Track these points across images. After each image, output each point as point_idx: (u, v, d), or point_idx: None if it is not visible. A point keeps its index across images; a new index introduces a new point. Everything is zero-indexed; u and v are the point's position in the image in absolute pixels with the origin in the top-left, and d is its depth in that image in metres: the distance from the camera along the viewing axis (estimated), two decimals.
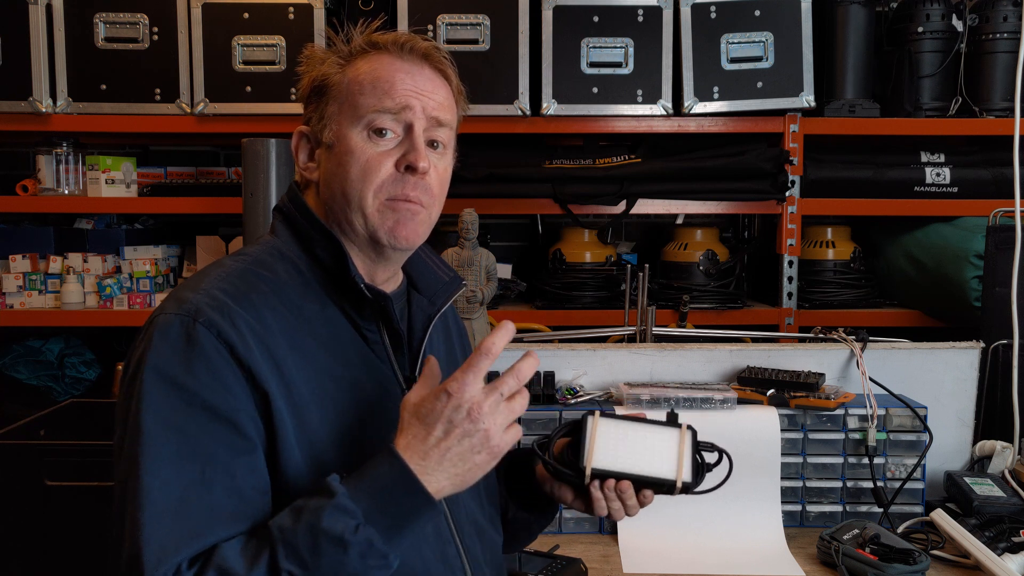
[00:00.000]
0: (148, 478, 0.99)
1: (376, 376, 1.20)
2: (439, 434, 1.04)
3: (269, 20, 2.68)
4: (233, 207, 2.59)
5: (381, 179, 1.16)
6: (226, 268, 1.15)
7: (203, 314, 1.06)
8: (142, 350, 1.06)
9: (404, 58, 1.19)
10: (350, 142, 1.17)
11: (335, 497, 0.99)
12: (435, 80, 1.21)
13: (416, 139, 1.17)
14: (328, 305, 1.19)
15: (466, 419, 1.03)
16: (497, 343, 1.05)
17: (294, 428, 1.09)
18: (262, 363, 1.07)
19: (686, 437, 1.27)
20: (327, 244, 1.18)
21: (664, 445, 1.26)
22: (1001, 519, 1.72)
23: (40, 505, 2.07)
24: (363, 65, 1.19)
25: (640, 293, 2.19)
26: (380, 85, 1.17)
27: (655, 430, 1.28)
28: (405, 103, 1.16)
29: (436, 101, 1.19)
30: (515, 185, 2.71)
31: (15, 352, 2.92)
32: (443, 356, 1.35)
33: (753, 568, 1.69)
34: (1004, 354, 2.11)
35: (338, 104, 1.19)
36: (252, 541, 1.00)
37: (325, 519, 0.98)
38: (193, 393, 1.03)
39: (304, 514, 0.99)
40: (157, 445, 1.01)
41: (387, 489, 1.01)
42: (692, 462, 1.25)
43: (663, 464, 1.24)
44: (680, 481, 1.23)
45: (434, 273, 1.33)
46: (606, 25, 2.69)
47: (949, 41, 2.81)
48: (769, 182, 2.70)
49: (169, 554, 0.97)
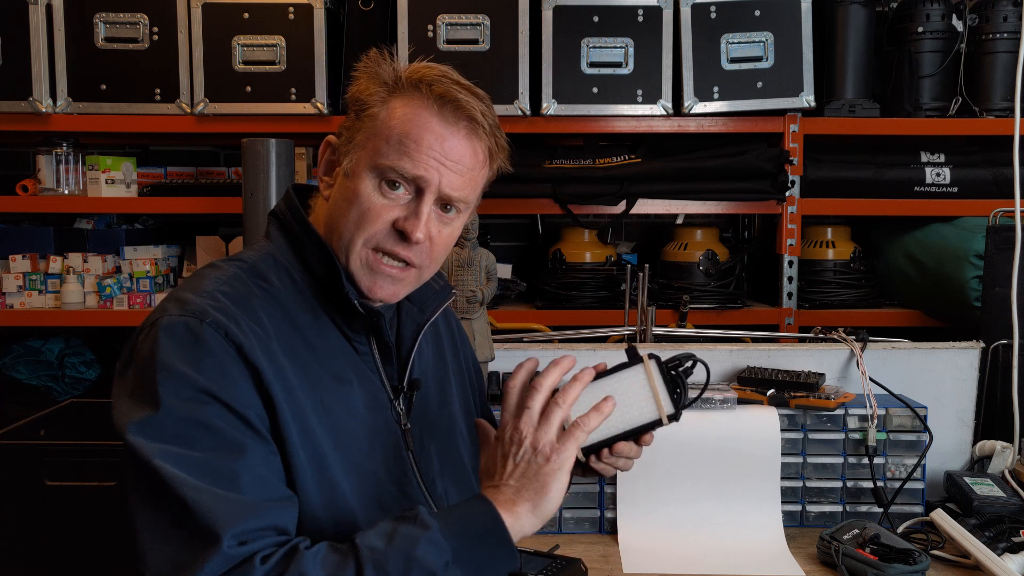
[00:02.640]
0: (178, 471, 0.99)
1: (367, 387, 1.21)
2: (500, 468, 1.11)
3: (269, 20, 2.67)
4: (233, 207, 2.59)
5: (374, 231, 1.15)
6: (223, 272, 1.15)
7: (209, 315, 1.07)
8: (149, 350, 1.06)
9: (443, 117, 1.15)
10: (361, 184, 1.15)
11: (430, 530, 1.02)
12: (467, 148, 1.16)
13: (422, 208, 1.15)
14: (320, 315, 1.19)
15: (511, 444, 1.10)
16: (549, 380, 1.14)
17: (298, 431, 1.09)
18: (266, 364, 1.08)
19: (652, 369, 1.23)
20: (321, 257, 1.18)
21: (635, 388, 1.23)
22: (1001, 519, 1.72)
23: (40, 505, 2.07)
24: (399, 109, 1.15)
25: (640, 293, 2.19)
26: (406, 143, 1.13)
27: (622, 378, 1.24)
28: (423, 173, 1.13)
29: (458, 176, 1.15)
30: (515, 185, 2.70)
31: (15, 352, 2.92)
32: (431, 363, 1.36)
33: (753, 568, 1.69)
34: (1004, 354, 2.11)
35: (366, 137, 1.16)
36: (332, 554, 1.01)
37: (420, 549, 1.00)
38: (205, 388, 1.03)
39: (396, 539, 1.01)
40: (178, 440, 1.01)
41: (477, 533, 1.05)
42: (668, 391, 1.23)
43: (643, 407, 1.23)
44: (664, 416, 1.22)
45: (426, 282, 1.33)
46: (606, 25, 2.69)
47: (949, 41, 2.81)
48: (769, 182, 2.70)
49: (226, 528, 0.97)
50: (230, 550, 0.96)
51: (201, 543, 0.96)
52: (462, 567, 1.02)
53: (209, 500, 0.98)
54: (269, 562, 0.98)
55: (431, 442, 1.29)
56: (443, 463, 1.30)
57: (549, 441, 1.09)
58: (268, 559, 0.98)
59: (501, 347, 1.96)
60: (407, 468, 1.23)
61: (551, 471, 1.08)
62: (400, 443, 1.23)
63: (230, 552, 0.96)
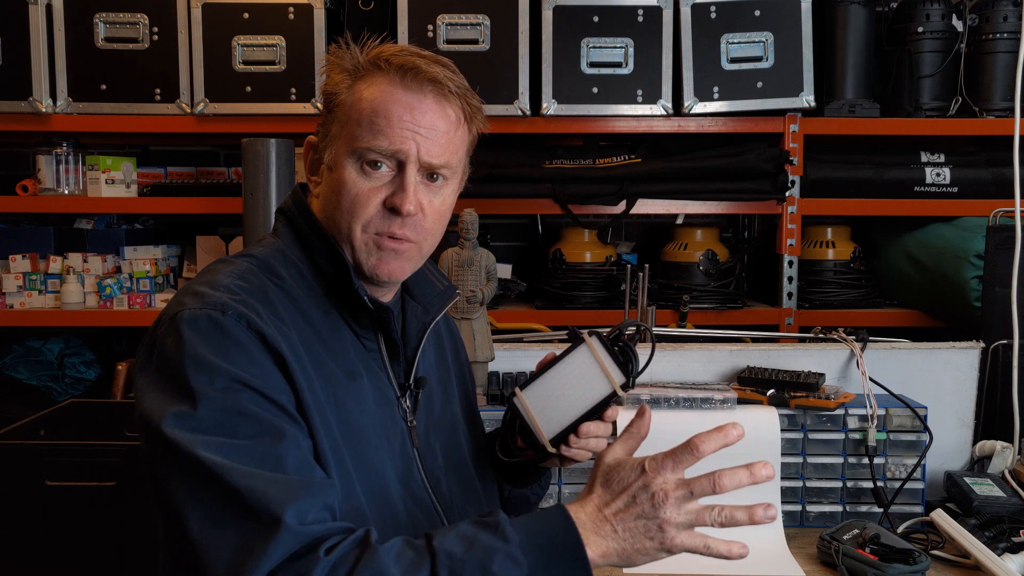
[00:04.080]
0: (223, 460, 0.98)
1: (375, 383, 1.21)
2: (620, 505, 1.05)
3: (269, 20, 2.67)
4: (233, 207, 2.59)
5: (368, 215, 1.16)
6: (237, 267, 1.15)
7: (229, 306, 1.07)
8: (175, 345, 1.05)
9: (407, 87, 1.15)
10: (344, 172, 1.16)
11: (509, 544, 1.00)
12: (436, 111, 1.16)
13: (407, 180, 1.15)
14: (331, 311, 1.19)
15: (649, 501, 1.04)
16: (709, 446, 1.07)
17: (319, 420, 1.10)
18: (288, 352, 1.09)
19: (595, 345, 1.24)
20: (329, 254, 1.19)
21: (584, 368, 1.24)
22: (1001, 519, 1.72)
23: (40, 505, 2.07)
24: (365, 90, 1.17)
25: (640, 293, 2.19)
26: (377, 121, 1.14)
27: (569, 361, 1.25)
28: (400, 146, 1.14)
29: (435, 143, 1.16)
30: (515, 185, 2.71)
31: (15, 352, 2.92)
32: (434, 364, 1.37)
33: (753, 568, 1.69)
34: (1004, 354, 2.11)
35: (340, 126, 1.18)
36: (407, 551, 1.00)
37: (496, 563, 0.98)
38: (237, 377, 1.03)
39: (475, 549, 0.99)
40: (219, 430, 1.00)
41: (557, 553, 1.02)
42: (616, 363, 1.23)
43: (595, 384, 1.23)
44: (617, 387, 1.22)
45: (429, 282, 1.34)
46: (606, 25, 2.69)
47: (949, 41, 2.81)
48: (769, 182, 2.70)
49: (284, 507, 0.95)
50: (297, 527, 0.95)
51: (263, 526, 0.95)
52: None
53: (261, 483, 0.97)
54: (335, 553, 0.96)
55: (435, 440, 1.30)
56: (447, 461, 1.31)
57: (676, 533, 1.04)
58: (333, 550, 0.96)
59: (501, 347, 1.96)
60: (412, 464, 1.24)
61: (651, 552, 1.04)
62: (406, 439, 1.24)
63: (298, 529, 0.95)
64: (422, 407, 1.28)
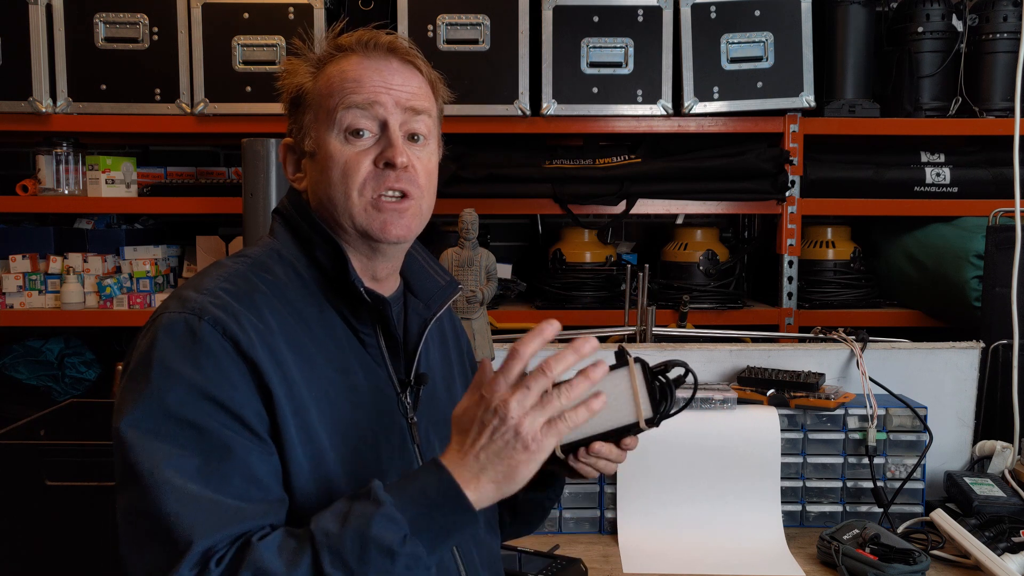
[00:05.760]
0: (165, 471, 0.99)
1: (373, 380, 1.21)
2: (473, 436, 1.04)
3: (269, 20, 2.68)
4: (233, 207, 2.59)
5: (362, 177, 1.17)
6: (227, 269, 1.16)
7: (208, 312, 1.07)
8: (147, 347, 1.06)
9: (370, 55, 1.20)
10: (328, 147, 1.18)
11: (383, 506, 0.99)
12: (404, 72, 1.21)
13: (392, 134, 1.17)
14: (326, 308, 1.19)
15: (495, 416, 1.02)
16: (529, 346, 1.05)
17: (296, 428, 1.09)
18: (266, 360, 1.08)
19: (636, 372, 1.20)
20: (327, 247, 1.19)
21: (618, 389, 1.20)
22: (1001, 519, 1.72)
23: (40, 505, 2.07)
24: (331, 69, 1.20)
25: (640, 293, 2.19)
26: (347, 85, 1.17)
27: (607, 379, 1.19)
28: (374, 99, 1.17)
29: (408, 92, 1.19)
30: (515, 185, 2.71)
31: (15, 352, 2.92)
32: (437, 360, 1.36)
33: (753, 568, 1.69)
34: (1004, 354, 2.11)
35: (313, 112, 1.20)
36: (289, 541, 1.00)
37: (374, 527, 0.97)
38: (201, 388, 1.03)
39: (351, 520, 0.98)
40: (170, 439, 1.01)
41: (433, 501, 1.01)
42: (649, 395, 1.20)
43: (623, 409, 1.20)
44: (642, 420, 1.18)
45: (431, 277, 1.33)
46: (606, 25, 2.69)
47: (949, 41, 2.81)
48: (769, 182, 2.70)
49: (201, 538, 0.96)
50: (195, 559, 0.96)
51: (176, 555, 0.96)
52: (421, 536, 0.99)
53: (192, 511, 0.98)
54: (223, 563, 0.97)
55: (436, 437, 1.29)
56: None
57: (533, 430, 1.02)
58: (222, 560, 0.97)
59: (501, 347, 1.96)
60: (412, 461, 1.23)
61: (525, 460, 1.03)
62: (406, 436, 1.23)
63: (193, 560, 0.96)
64: (423, 404, 1.28)
